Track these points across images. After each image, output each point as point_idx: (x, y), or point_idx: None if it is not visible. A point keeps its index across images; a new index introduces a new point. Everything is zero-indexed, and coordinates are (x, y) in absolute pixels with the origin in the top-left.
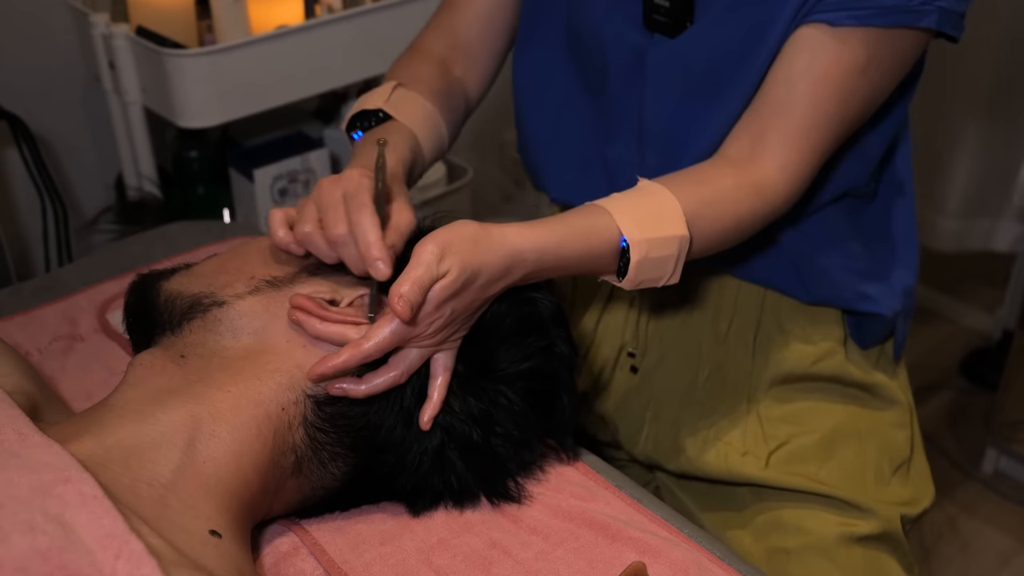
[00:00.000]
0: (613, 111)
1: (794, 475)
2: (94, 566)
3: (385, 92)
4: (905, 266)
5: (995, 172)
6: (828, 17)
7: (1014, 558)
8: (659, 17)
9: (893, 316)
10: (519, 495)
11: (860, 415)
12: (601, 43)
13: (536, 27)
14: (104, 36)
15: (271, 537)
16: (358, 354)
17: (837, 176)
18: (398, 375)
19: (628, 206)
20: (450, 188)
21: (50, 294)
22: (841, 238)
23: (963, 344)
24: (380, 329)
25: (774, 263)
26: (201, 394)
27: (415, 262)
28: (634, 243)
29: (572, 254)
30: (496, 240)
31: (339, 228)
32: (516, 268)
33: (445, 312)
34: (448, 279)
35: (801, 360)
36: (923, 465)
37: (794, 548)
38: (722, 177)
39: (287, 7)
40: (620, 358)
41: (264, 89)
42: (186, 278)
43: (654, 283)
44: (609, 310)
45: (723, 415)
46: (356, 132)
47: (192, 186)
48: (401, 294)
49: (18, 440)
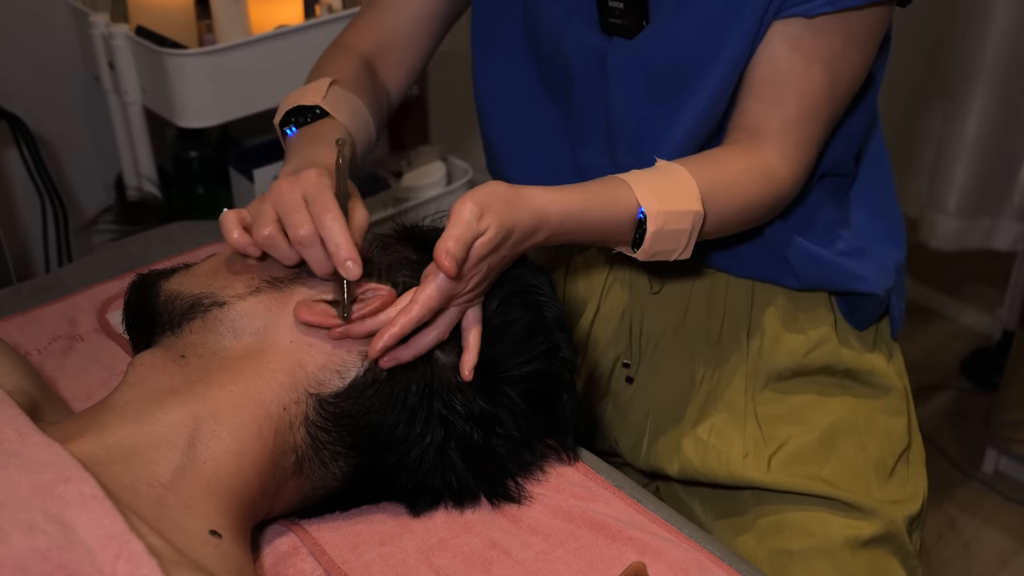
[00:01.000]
0: (581, 115)
1: (797, 477)
2: (94, 566)
3: (322, 88)
4: (893, 242)
5: (995, 171)
6: (801, 9)
7: (1014, 558)
8: (615, 20)
9: (886, 294)
10: (519, 495)
11: (858, 407)
12: (561, 49)
13: (492, 33)
14: (104, 36)
15: (271, 537)
16: (412, 317)
17: (821, 159)
18: (440, 332)
19: (647, 179)
20: (450, 188)
21: (50, 294)
22: (827, 220)
23: (963, 344)
24: (426, 290)
25: (762, 254)
26: (201, 394)
27: (456, 219)
28: (651, 214)
29: (592, 220)
30: (526, 200)
31: (303, 229)
32: (542, 228)
33: (483, 268)
34: (488, 236)
35: (794, 352)
36: (920, 453)
37: (798, 551)
38: (735, 160)
39: (287, 7)
40: (615, 369)
41: (264, 89)
42: (186, 278)
43: (666, 256)
44: (599, 321)
45: (721, 417)
46: (290, 128)
47: (192, 186)
48: (448, 249)
49: (18, 440)
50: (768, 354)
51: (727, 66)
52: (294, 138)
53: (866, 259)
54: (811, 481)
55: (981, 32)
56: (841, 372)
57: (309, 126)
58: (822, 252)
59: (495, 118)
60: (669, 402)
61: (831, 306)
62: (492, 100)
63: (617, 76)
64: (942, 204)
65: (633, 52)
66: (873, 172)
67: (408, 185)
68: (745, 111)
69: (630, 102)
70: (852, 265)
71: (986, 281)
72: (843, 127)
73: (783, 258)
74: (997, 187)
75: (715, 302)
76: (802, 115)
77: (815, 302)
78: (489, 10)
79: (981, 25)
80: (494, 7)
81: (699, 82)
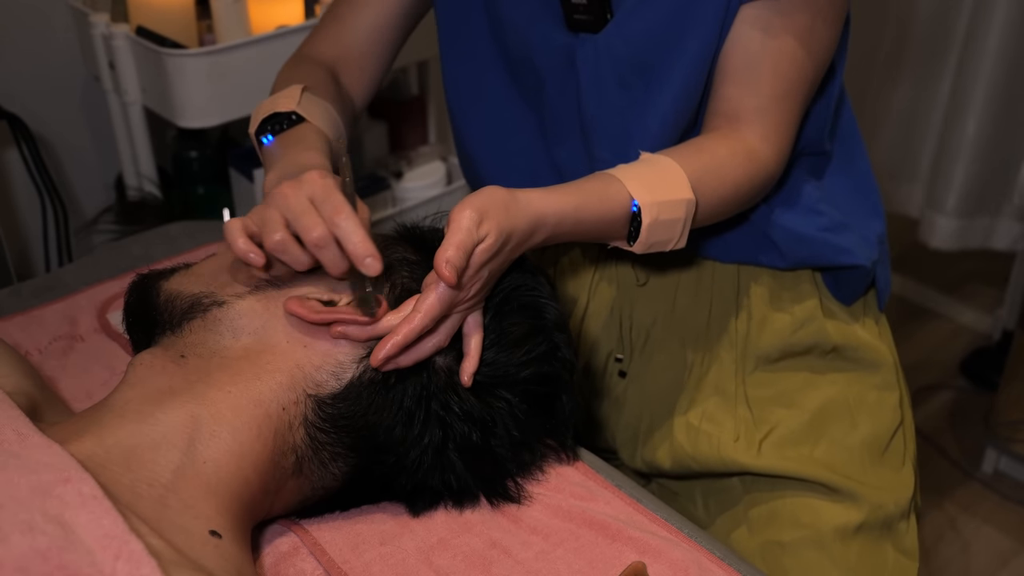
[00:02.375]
0: (554, 115)
1: (788, 460)
2: (94, 566)
3: (294, 95)
4: (873, 214)
5: (995, 171)
6: None
7: (1014, 558)
8: (580, 16)
9: (872, 265)
10: (519, 495)
11: (848, 384)
12: (529, 49)
13: (457, 40)
14: (104, 36)
15: (271, 537)
16: (415, 327)
17: (796, 139)
18: (441, 339)
19: (636, 172)
20: (450, 188)
21: (50, 294)
22: (808, 198)
23: (963, 344)
24: (427, 299)
25: (748, 237)
26: (201, 394)
27: (455, 227)
28: (645, 206)
29: (588, 218)
30: (523, 204)
31: (317, 231)
32: (539, 231)
33: (484, 275)
34: (488, 242)
35: (781, 332)
36: (911, 427)
37: (789, 541)
38: (718, 146)
39: (287, 7)
40: (608, 365)
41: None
42: (186, 278)
43: (662, 247)
44: (589, 318)
45: (712, 402)
46: (266, 136)
47: (192, 186)
48: (448, 259)
49: (18, 440)
50: (756, 336)
51: (695, 54)
52: (272, 146)
53: (849, 232)
54: (802, 464)
55: (981, 32)
56: (830, 351)
57: (287, 132)
58: (806, 230)
59: (470, 126)
60: (662, 393)
61: (815, 282)
62: (466, 108)
63: (586, 71)
64: (941, 204)
65: (600, 46)
66: (846, 148)
67: (408, 185)
68: (721, 97)
69: (601, 96)
70: (837, 239)
71: (986, 281)
72: (813, 106)
73: (768, 239)
74: (997, 187)
75: (702, 289)
76: (777, 95)
77: (799, 279)
78: (453, 20)
79: (981, 24)
80: (457, 16)
81: (668, 71)
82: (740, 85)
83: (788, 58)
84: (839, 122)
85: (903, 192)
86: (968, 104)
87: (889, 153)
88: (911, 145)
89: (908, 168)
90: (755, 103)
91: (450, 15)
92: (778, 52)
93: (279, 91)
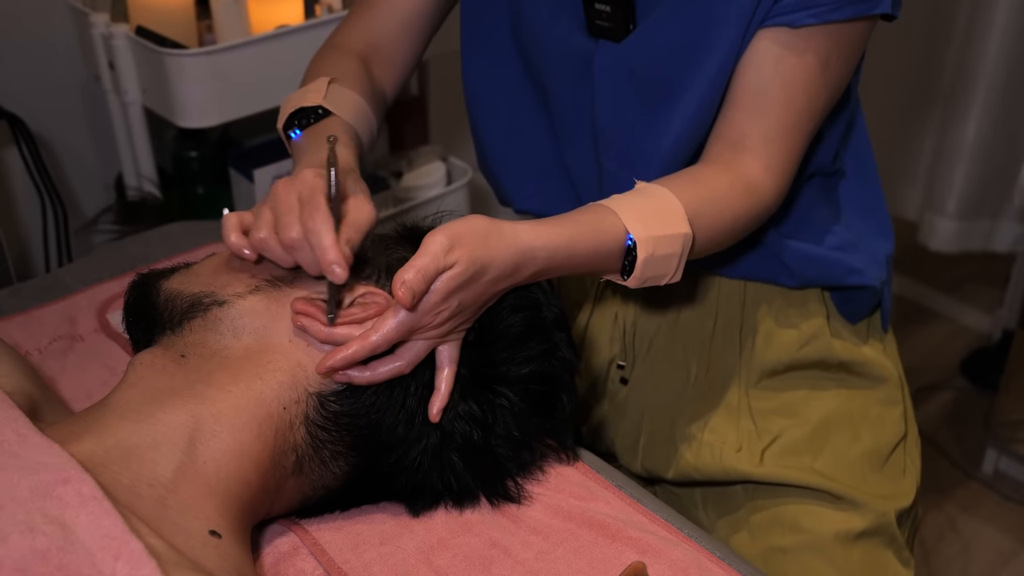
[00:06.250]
0: (567, 117)
1: (789, 468)
2: (94, 567)
3: (321, 88)
4: (883, 234)
5: (995, 172)
6: (787, 20)
7: (1014, 558)
8: (602, 22)
9: (880, 285)
10: (519, 495)
11: (851, 399)
12: (547, 50)
13: (479, 32)
14: (104, 36)
15: (271, 537)
16: (367, 345)
17: (807, 161)
18: (402, 365)
19: (632, 205)
20: (450, 188)
21: (50, 294)
22: (819, 218)
23: (963, 344)
24: (386, 321)
25: (756, 256)
26: (201, 394)
27: (422, 251)
28: (640, 241)
29: (581, 252)
30: (507, 237)
31: (292, 232)
32: (527, 265)
33: (452, 304)
34: (455, 271)
35: (787, 347)
36: (915, 442)
37: (790, 547)
38: (716, 178)
39: (287, 7)
40: (610, 371)
41: (264, 89)
42: (186, 277)
43: (657, 281)
44: (593, 324)
45: (715, 413)
46: (294, 131)
47: (192, 186)
48: (404, 280)
49: (18, 441)
50: (761, 350)
51: (713, 74)
52: (299, 140)
53: (859, 252)
54: (803, 472)
55: (981, 32)
56: (835, 365)
57: (313, 127)
58: (817, 250)
59: (485, 120)
60: (664, 402)
61: (823, 300)
62: (481, 101)
63: (602, 79)
64: (942, 206)
65: (619, 56)
66: (858, 168)
67: (408, 185)
68: (728, 121)
69: (615, 106)
70: (847, 259)
71: (986, 281)
72: (826, 130)
73: (779, 260)
74: (996, 189)
75: (707, 302)
76: (785, 125)
77: (807, 297)
78: (476, 12)
79: (981, 25)
80: (480, 9)
81: (685, 89)
82: (748, 110)
83: (800, 87)
84: (852, 142)
85: (902, 194)
86: (968, 106)
87: (890, 154)
88: (911, 147)
89: (908, 170)
90: (761, 132)
91: (473, 5)
92: (791, 80)
93: (308, 83)
